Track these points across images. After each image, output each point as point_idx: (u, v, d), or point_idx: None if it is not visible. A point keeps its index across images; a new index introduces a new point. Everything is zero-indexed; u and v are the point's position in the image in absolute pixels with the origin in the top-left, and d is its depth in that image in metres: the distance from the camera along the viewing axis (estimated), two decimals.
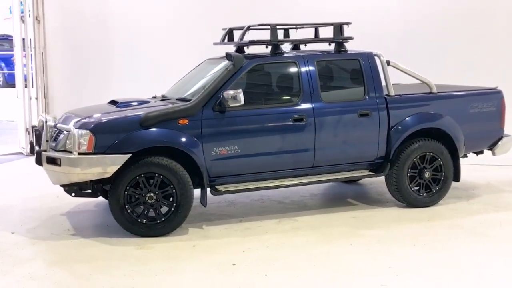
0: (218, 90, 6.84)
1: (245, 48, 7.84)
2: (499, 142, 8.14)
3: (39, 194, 8.29)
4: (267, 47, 7.41)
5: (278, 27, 7.32)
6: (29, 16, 11.34)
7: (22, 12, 11.31)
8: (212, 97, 6.83)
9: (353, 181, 8.99)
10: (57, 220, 7.29)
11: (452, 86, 8.49)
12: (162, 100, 7.38)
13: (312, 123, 7.15)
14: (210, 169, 6.85)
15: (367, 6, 10.73)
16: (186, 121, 6.71)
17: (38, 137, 6.91)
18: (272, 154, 7.07)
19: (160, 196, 6.62)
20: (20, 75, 11.54)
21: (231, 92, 6.69)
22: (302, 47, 8.22)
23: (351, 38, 7.59)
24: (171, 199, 6.66)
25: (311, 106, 7.17)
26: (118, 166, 6.42)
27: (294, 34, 8.28)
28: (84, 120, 6.64)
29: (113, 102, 7.29)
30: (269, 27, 7.32)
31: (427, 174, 7.64)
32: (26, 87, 11.32)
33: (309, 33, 8.27)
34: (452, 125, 7.74)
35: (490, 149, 8.22)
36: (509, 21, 10.35)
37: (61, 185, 6.75)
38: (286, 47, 8.00)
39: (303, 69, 7.24)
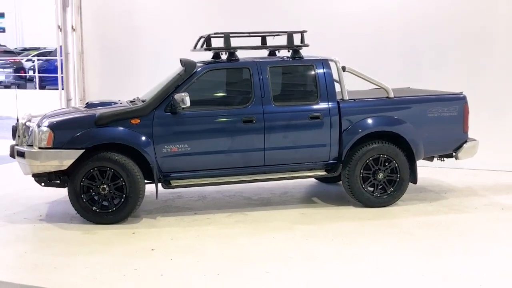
0: (170, 94, 7.53)
1: (220, 53, 8.42)
2: (463, 146, 8.31)
3: None
4: (225, 53, 8.01)
5: (231, 35, 7.89)
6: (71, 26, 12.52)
7: None
8: (165, 99, 7.53)
9: (333, 181, 9.35)
10: (38, 208, 8.20)
11: (415, 91, 8.75)
12: (130, 102, 8.14)
13: (261, 124, 7.67)
14: (162, 165, 7.53)
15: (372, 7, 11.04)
16: (138, 121, 7.44)
17: (14, 133, 7.86)
18: (222, 152, 7.66)
19: (112, 188, 7.38)
20: (60, 80, 12.74)
21: (181, 95, 7.36)
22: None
23: (306, 45, 8.07)
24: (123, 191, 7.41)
25: (261, 109, 7.69)
26: (73, 160, 7.25)
27: (271, 41, 8.82)
28: (47, 119, 7.52)
29: (86, 104, 8.14)
30: (250, 34, 8.26)
31: (381, 176, 7.96)
32: (63, 89, 12.49)
33: (282, 40, 8.74)
34: (407, 129, 7.99)
35: (455, 153, 8.38)
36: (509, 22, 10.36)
37: (32, 176, 7.65)
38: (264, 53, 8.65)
39: (255, 74, 7.76)
